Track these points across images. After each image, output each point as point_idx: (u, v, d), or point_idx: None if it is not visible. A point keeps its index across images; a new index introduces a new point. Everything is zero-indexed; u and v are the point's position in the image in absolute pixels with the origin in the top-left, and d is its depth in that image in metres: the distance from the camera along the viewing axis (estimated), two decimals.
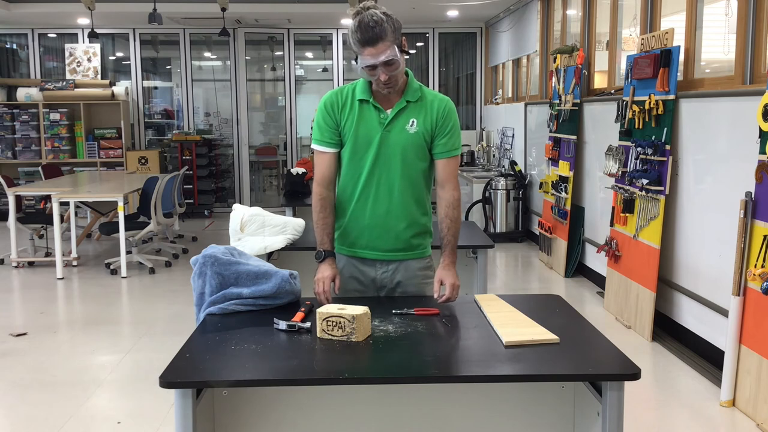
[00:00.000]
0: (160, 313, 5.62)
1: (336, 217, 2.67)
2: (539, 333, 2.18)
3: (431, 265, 2.73)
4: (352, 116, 2.57)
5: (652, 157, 4.83)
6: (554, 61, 6.99)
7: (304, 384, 2.10)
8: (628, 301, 5.12)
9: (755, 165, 3.66)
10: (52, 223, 6.80)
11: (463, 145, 10.47)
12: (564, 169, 6.75)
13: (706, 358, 4.36)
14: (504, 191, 8.25)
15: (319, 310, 2.19)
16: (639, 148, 5.00)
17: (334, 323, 2.15)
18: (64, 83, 10.21)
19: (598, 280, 6.12)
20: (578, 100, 6.49)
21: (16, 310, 5.94)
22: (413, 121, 2.55)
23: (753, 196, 3.69)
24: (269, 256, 3.61)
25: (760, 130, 3.62)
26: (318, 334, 2.18)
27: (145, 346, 4.83)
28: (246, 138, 11.11)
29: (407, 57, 2.50)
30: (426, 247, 2.70)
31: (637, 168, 5.04)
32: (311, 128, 11.26)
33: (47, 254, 7.38)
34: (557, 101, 6.93)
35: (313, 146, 2.66)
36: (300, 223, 3.80)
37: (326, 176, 2.62)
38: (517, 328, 2.24)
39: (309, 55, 12.31)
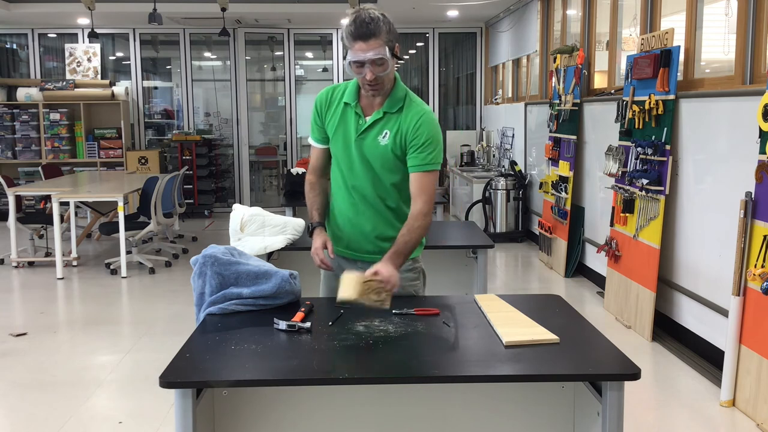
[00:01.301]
0: (160, 313, 5.62)
1: (329, 210, 2.75)
2: (539, 333, 2.18)
3: (415, 267, 2.71)
4: (335, 118, 2.60)
5: (652, 157, 4.83)
6: (554, 61, 6.99)
7: (304, 384, 2.10)
8: (628, 301, 5.12)
9: (755, 165, 3.66)
10: (52, 223, 6.80)
11: (462, 145, 10.55)
12: (564, 169, 6.75)
13: (706, 358, 4.36)
14: (504, 191, 8.25)
15: (348, 275, 2.27)
16: (639, 148, 5.00)
17: (373, 288, 2.23)
18: (64, 83, 10.21)
19: (598, 280, 6.12)
20: (578, 100, 6.49)
21: (16, 310, 5.94)
22: (386, 133, 2.53)
23: (753, 196, 3.69)
24: (269, 256, 3.61)
25: (760, 130, 3.62)
26: (351, 296, 2.22)
27: (145, 346, 4.83)
28: (246, 138, 11.11)
29: (398, 63, 2.49)
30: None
31: (637, 168, 5.04)
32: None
33: (47, 254, 7.38)
34: (557, 101, 6.93)
35: (308, 138, 2.76)
36: (300, 223, 3.79)
37: (315, 167, 2.75)
38: (517, 328, 2.24)
39: (309, 55, 12.31)
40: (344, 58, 2.48)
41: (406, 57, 11.38)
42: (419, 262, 2.74)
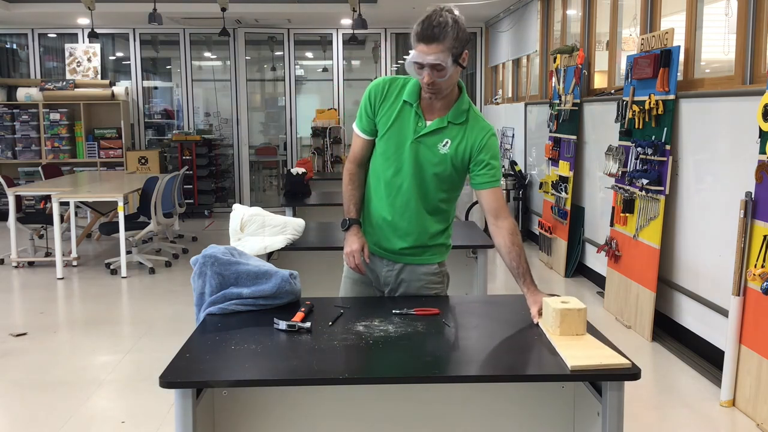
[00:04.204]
0: (160, 313, 5.62)
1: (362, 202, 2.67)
2: (608, 356, 1.98)
3: (440, 271, 2.69)
4: (391, 113, 2.51)
5: (652, 157, 4.83)
6: (554, 61, 6.99)
7: (304, 384, 2.10)
8: (628, 301, 5.12)
9: (755, 165, 3.66)
10: (52, 223, 6.80)
11: None
12: (564, 169, 6.75)
13: (706, 358, 4.36)
14: (504, 191, 8.25)
15: (553, 305, 2.17)
16: (639, 148, 5.00)
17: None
18: (64, 83, 10.21)
19: (598, 280, 6.12)
20: (578, 100, 6.49)
21: (16, 310, 5.94)
22: (447, 142, 2.49)
23: (753, 196, 3.69)
24: (269, 256, 3.61)
25: (760, 130, 3.62)
26: (551, 331, 2.17)
27: (145, 346, 4.83)
28: (246, 138, 11.11)
29: (462, 69, 2.41)
30: (435, 254, 2.66)
31: (637, 168, 5.04)
32: (311, 128, 11.26)
33: (47, 254, 7.38)
34: (557, 101, 6.93)
35: (354, 125, 2.65)
36: (300, 223, 3.80)
37: (358, 157, 2.63)
38: (583, 350, 2.04)
39: (309, 55, 12.31)
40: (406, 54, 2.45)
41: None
42: (444, 266, 2.72)
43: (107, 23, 10.38)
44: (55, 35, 10.80)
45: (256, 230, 3.60)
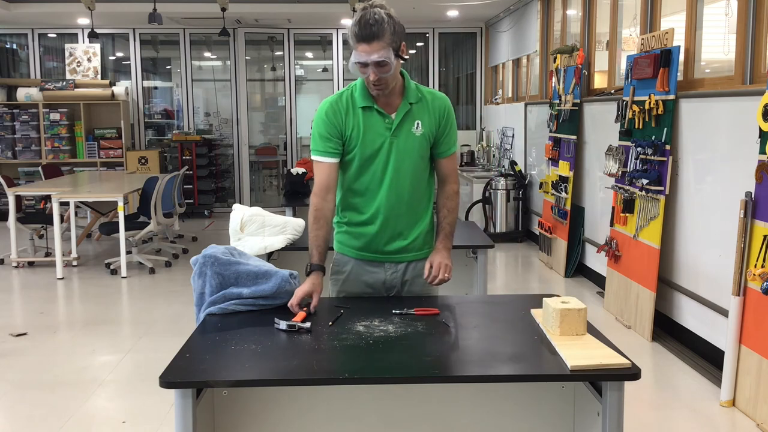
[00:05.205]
0: (160, 313, 5.62)
1: (346, 220, 2.65)
2: (608, 356, 1.98)
3: None
4: (357, 124, 2.53)
5: (652, 157, 4.83)
6: (554, 61, 6.99)
7: (304, 384, 2.10)
8: (628, 301, 5.12)
9: (755, 165, 3.66)
10: (52, 223, 6.80)
11: (463, 145, 10.55)
12: (564, 169, 6.75)
13: (706, 358, 4.36)
14: (504, 191, 8.25)
15: (553, 305, 2.16)
16: (639, 148, 5.00)
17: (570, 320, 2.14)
18: (64, 83, 10.21)
19: (598, 280, 6.12)
20: (578, 100, 6.49)
21: (16, 310, 5.94)
22: (418, 123, 2.56)
23: (753, 196, 3.69)
24: (269, 256, 3.61)
25: (760, 130, 3.62)
26: (551, 331, 2.16)
27: (145, 346, 4.83)
28: (246, 138, 11.11)
29: (403, 62, 2.47)
30: (432, 246, 2.69)
31: (637, 168, 5.04)
32: (311, 129, 11.25)
33: (47, 254, 7.38)
34: (557, 101, 6.93)
35: (313, 157, 2.59)
36: (300, 223, 3.80)
37: (324, 186, 2.54)
38: (583, 350, 2.04)
39: (309, 55, 12.31)
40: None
41: (410, 54, 11.40)
42: None
43: (107, 23, 10.38)
44: (55, 35, 10.80)
45: (256, 230, 3.60)
